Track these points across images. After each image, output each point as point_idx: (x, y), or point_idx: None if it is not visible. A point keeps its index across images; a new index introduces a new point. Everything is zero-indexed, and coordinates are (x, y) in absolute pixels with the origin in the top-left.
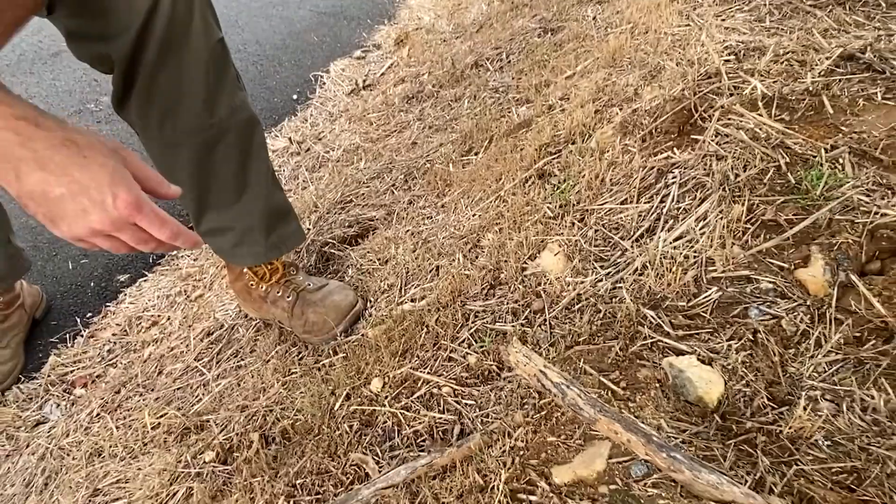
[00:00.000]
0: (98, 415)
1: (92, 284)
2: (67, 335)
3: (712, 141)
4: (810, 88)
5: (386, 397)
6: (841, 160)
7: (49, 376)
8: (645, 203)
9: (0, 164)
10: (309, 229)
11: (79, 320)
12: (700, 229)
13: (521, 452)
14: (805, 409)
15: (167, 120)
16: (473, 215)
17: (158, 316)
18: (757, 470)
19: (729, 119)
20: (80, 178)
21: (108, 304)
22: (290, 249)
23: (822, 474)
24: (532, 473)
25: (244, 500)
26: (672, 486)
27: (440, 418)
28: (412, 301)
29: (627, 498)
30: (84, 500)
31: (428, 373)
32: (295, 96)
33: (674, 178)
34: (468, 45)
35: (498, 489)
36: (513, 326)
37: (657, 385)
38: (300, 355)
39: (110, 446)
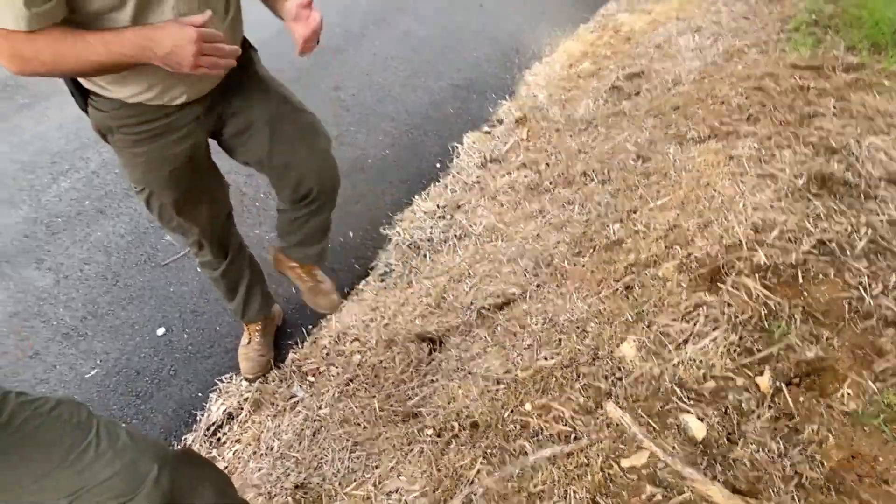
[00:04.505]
0: (339, 398)
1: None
2: (297, 340)
3: (727, 293)
4: (793, 262)
5: (534, 415)
6: (795, 316)
7: (291, 366)
8: (685, 323)
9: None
10: (467, 291)
11: (304, 330)
12: (712, 346)
13: (606, 450)
14: (741, 446)
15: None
16: (582, 308)
17: (358, 334)
18: (714, 469)
19: (739, 278)
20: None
21: (321, 319)
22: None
23: (749, 470)
24: (611, 460)
25: (459, 457)
26: (676, 472)
27: (564, 429)
28: (545, 359)
29: (654, 476)
30: (349, 448)
31: (557, 405)
32: (437, 164)
33: (702, 311)
34: (577, 144)
35: (595, 465)
36: (604, 385)
37: (676, 427)
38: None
39: (354, 418)
